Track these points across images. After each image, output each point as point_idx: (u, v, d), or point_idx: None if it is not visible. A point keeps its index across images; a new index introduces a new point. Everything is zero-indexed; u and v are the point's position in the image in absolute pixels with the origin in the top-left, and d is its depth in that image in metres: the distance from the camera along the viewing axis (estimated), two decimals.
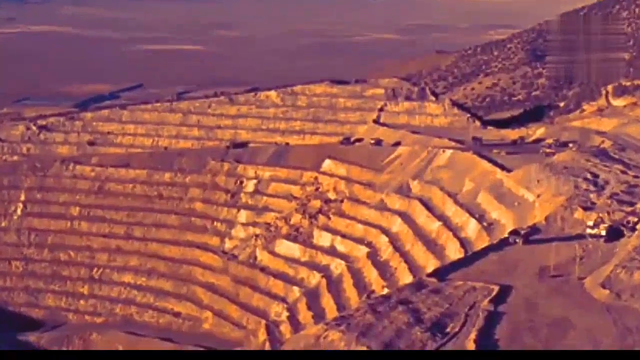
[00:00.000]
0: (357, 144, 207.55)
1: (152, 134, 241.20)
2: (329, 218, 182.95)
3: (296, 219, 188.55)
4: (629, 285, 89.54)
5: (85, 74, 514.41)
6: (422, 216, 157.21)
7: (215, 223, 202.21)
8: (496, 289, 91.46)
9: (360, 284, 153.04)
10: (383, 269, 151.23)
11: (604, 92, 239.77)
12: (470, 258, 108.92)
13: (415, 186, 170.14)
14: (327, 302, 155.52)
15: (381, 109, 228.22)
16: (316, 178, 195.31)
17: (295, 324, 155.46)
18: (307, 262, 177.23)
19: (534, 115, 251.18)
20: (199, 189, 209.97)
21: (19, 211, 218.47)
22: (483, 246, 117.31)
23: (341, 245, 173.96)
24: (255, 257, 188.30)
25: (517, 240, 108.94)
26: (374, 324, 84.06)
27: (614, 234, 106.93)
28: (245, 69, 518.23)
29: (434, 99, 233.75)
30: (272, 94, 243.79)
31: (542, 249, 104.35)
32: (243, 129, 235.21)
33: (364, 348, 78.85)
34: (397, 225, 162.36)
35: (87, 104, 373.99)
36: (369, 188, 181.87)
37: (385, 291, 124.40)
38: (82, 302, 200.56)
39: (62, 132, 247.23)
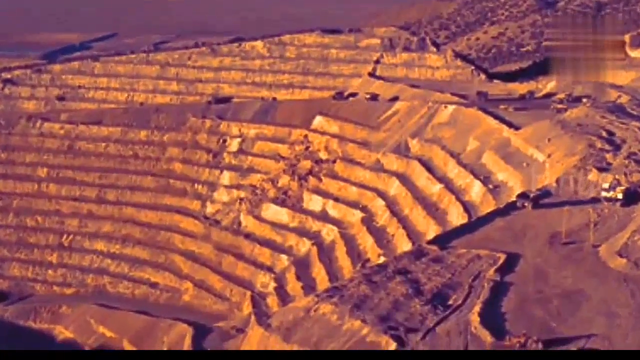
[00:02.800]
0: (350, 99, 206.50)
1: (126, 88, 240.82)
2: (320, 180, 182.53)
3: (284, 181, 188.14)
4: None
5: (54, 22, 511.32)
6: (421, 178, 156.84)
7: (195, 185, 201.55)
8: (503, 257, 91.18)
9: (354, 252, 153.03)
10: (379, 235, 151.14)
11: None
12: (475, 224, 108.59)
13: (415, 145, 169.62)
14: (318, 272, 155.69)
15: (377, 61, 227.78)
16: (306, 136, 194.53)
17: (284, 296, 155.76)
18: (296, 228, 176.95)
19: (545, 67, 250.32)
20: (178, 149, 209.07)
21: None
22: (488, 211, 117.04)
23: (333, 210, 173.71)
24: (240, 223, 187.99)
25: (526, 204, 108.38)
26: (369, 295, 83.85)
27: (632, 197, 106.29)
28: (229, 17, 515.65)
29: (434, 49, 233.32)
30: (258, 44, 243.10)
31: (553, 214, 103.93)
32: (226, 83, 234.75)
33: (358, 322, 78.61)
34: (394, 187, 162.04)
35: (56, 55, 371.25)
36: (364, 147, 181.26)
37: (382, 260, 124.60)
38: (50, 271, 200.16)
39: (28, 86, 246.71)
